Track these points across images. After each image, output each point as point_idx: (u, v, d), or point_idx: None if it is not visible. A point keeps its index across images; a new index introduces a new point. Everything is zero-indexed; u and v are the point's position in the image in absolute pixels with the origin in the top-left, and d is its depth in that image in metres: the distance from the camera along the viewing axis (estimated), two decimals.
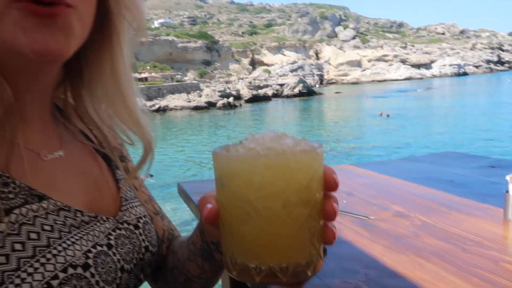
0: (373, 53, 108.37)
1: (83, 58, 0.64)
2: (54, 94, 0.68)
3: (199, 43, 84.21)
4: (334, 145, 20.38)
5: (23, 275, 0.49)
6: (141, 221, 0.71)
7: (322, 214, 0.45)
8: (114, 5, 0.60)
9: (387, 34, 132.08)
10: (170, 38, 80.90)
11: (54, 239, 0.53)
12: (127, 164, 0.79)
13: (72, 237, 0.56)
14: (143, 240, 0.69)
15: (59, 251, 0.53)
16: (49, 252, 0.52)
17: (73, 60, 0.61)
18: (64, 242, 0.54)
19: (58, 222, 0.55)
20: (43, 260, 0.51)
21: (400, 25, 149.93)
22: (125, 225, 0.67)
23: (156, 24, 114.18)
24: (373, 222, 1.07)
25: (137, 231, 0.69)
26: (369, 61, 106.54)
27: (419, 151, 16.16)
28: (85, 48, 0.60)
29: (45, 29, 0.50)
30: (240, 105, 48.69)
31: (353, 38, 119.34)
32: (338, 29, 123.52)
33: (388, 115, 29.78)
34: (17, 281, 0.48)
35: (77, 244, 0.56)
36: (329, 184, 0.45)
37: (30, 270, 0.49)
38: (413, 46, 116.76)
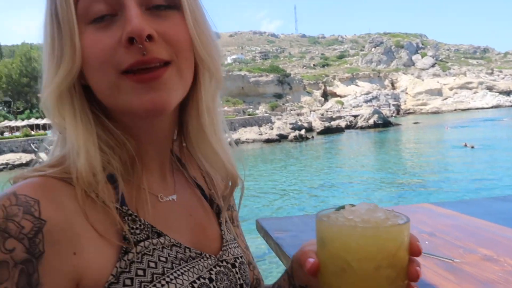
0: (455, 81, 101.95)
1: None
2: (173, 144, 0.81)
3: (271, 76, 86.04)
4: (412, 179, 18.88)
5: None
6: (238, 261, 0.79)
7: (407, 275, 0.55)
8: (200, 61, 0.68)
9: (470, 60, 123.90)
10: (242, 73, 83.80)
11: (168, 269, 0.64)
12: (232, 213, 0.90)
13: (181, 268, 0.66)
14: (239, 278, 0.77)
15: (171, 279, 0.63)
16: (164, 279, 0.62)
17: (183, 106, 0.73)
18: (175, 272, 0.65)
19: (171, 255, 0.66)
20: (158, 285, 0.61)
21: (485, 50, 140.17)
22: (224, 263, 0.75)
23: (229, 60, 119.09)
24: (458, 266, 1.05)
25: (234, 270, 0.77)
26: (451, 89, 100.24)
27: (508, 189, 14.28)
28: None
29: (151, 92, 0.61)
30: (312, 137, 48.08)
31: (432, 66, 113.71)
32: (416, 57, 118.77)
33: (472, 147, 27.25)
34: None
35: (185, 275, 0.66)
36: (414, 251, 0.55)
37: None
38: (500, 71, 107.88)
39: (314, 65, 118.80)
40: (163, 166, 0.76)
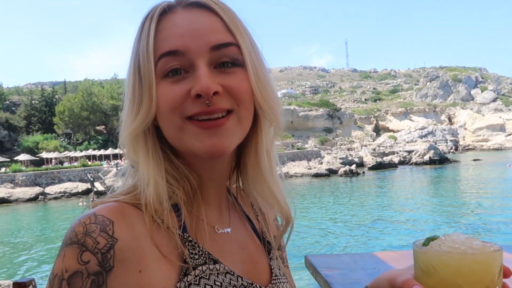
0: None
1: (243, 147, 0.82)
2: (230, 183, 0.89)
3: (320, 111, 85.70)
4: (473, 220, 17.40)
5: None
6: None
7: None
8: (260, 111, 0.76)
9: None
10: (291, 107, 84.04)
11: None
12: (282, 253, 0.95)
13: None
14: None
15: None
16: None
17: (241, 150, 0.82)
18: None
19: (225, 281, 0.71)
20: None
21: None
22: None
23: (279, 94, 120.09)
24: None
25: None
26: None
27: None
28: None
29: (213, 137, 0.70)
30: (363, 172, 46.58)
31: (494, 100, 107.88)
32: (475, 91, 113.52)
33: None
34: None
35: None
36: (506, 273, 0.63)
37: None
38: None
39: (365, 99, 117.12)
40: (220, 201, 0.83)
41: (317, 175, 44.98)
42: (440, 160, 54.86)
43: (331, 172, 45.88)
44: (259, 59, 0.76)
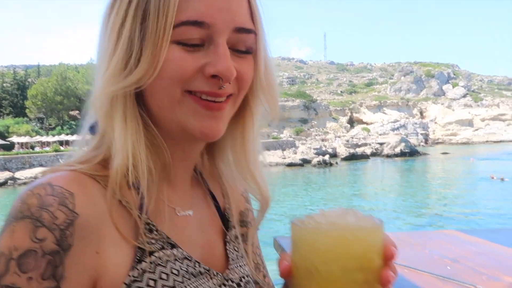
0: (487, 112, 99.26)
1: None
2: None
3: (297, 102, 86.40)
4: (437, 210, 18.16)
5: None
6: (244, 280, 0.79)
7: (379, 279, 0.53)
8: (255, 91, 0.73)
9: (504, 92, 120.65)
10: None
11: (178, 282, 0.65)
12: (247, 230, 0.88)
13: (191, 283, 0.67)
14: None
15: None
16: None
17: None
18: (185, 286, 0.65)
19: (182, 268, 0.66)
20: None
21: None
22: (230, 282, 0.76)
23: None
24: None
25: None
26: (483, 120, 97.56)
27: None
28: None
29: (212, 120, 0.66)
30: (336, 163, 47.35)
31: (464, 96, 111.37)
32: (446, 87, 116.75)
33: (502, 179, 26.12)
34: None
35: None
36: (386, 254, 0.54)
37: None
38: None
39: (341, 91, 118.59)
40: (185, 181, 0.78)
41: (291, 165, 45.46)
42: (411, 153, 56.45)
43: (305, 162, 46.49)
44: (268, 47, 0.74)
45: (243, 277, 0.80)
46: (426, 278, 1.24)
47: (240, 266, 0.81)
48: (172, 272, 0.64)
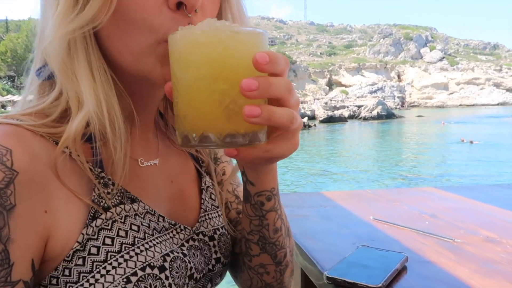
0: (462, 76, 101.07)
1: None
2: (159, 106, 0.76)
3: None
4: (412, 171, 18.75)
5: (109, 267, 0.55)
6: (218, 232, 0.74)
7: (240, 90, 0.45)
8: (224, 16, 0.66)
9: (479, 56, 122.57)
10: None
11: (139, 239, 0.60)
12: (218, 165, 0.83)
13: (154, 239, 0.62)
14: (215, 252, 0.72)
15: (141, 251, 0.59)
16: (133, 250, 0.58)
17: None
18: (146, 243, 0.60)
19: (144, 224, 0.62)
20: (126, 256, 0.57)
21: (495, 46, 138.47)
22: (201, 236, 0.71)
23: None
24: (459, 246, 1.07)
25: (211, 243, 0.72)
26: (458, 84, 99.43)
27: (505, 182, 14.14)
28: None
29: None
30: (315, 125, 47.78)
31: (440, 60, 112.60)
32: (424, 50, 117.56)
33: (471, 142, 27.06)
34: (103, 271, 0.55)
35: (157, 246, 0.61)
36: (254, 63, 0.44)
37: (115, 264, 0.56)
38: (509, 69, 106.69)
39: (320, 53, 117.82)
40: (147, 129, 0.71)
41: None
42: (387, 116, 57.40)
43: None
44: None
45: (218, 229, 0.75)
46: (407, 233, 1.24)
47: (214, 217, 0.76)
48: (131, 228, 0.60)
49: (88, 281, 0.54)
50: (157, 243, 0.62)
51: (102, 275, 0.55)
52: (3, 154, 0.52)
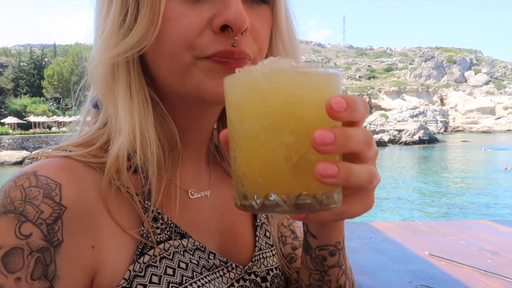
0: (510, 100, 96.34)
1: None
2: (213, 134, 0.72)
3: None
4: (454, 199, 17.84)
5: None
6: (271, 273, 0.70)
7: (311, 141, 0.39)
8: (275, 47, 0.63)
9: None
10: None
11: (187, 278, 0.57)
12: None
13: (202, 278, 0.59)
14: None
15: None
16: None
17: None
18: (194, 282, 0.57)
19: (193, 261, 0.59)
20: None
21: None
22: (253, 276, 0.66)
23: None
24: None
25: (263, 284, 0.68)
26: (505, 108, 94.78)
27: None
28: None
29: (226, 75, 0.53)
30: None
31: (486, 83, 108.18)
32: (468, 73, 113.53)
33: None
34: None
35: (205, 286, 0.58)
36: (327, 110, 0.38)
37: None
38: None
39: (359, 76, 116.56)
40: (200, 159, 0.69)
41: None
42: (429, 140, 55.40)
43: None
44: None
45: (271, 270, 0.70)
46: (467, 272, 1.15)
47: (268, 256, 0.71)
48: (179, 266, 0.57)
49: None
50: (206, 282, 0.59)
51: None
52: (53, 189, 0.50)
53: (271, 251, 0.72)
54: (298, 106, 0.38)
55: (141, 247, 0.55)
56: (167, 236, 0.58)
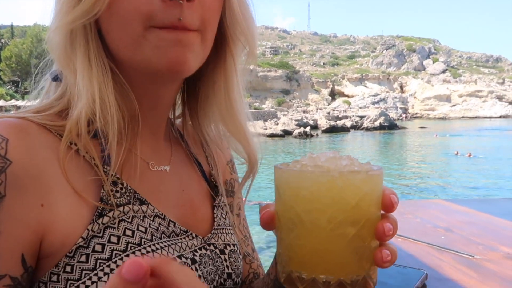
0: (465, 88, 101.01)
1: (199, 80, 0.71)
2: (175, 117, 0.77)
3: (279, 72, 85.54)
4: (415, 181, 18.66)
5: (113, 265, 0.53)
6: (228, 248, 0.72)
7: (375, 233, 0.45)
8: (231, 29, 0.65)
9: (482, 69, 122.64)
10: (251, 66, 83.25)
11: (146, 240, 0.58)
12: (233, 200, 0.82)
13: (161, 242, 0.60)
14: (227, 267, 0.70)
15: (147, 252, 0.57)
16: (139, 250, 0.56)
17: (191, 82, 0.72)
18: (153, 245, 0.58)
19: (152, 226, 0.60)
20: (132, 256, 0.55)
21: (498, 59, 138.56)
22: (212, 247, 0.69)
23: None
24: (479, 262, 1.03)
25: (222, 256, 0.70)
26: (460, 96, 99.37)
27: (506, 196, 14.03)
28: (201, 70, 0.66)
29: (177, 46, 0.57)
30: (317, 135, 47.73)
31: (443, 72, 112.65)
32: (427, 62, 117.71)
33: (470, 155, 26.90)
34: (106, 270, 0.53)
35: (164, 249, 0.59)
36: (385, 205, 0.46)
37: (120, 262, 0.54)
38: None
39: (324, 63, 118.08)
40: (159, 134, 0.71)
41: (272, 135, 45.55)
42: (390, 126, 57.29)
43: (286, 133, 46.54)
44: None
45: (228, 245, 0.73)
46: (422, 248, 1.22)
47: (226, 233, 0.74)
48: (138, 229, 0.58)
49: (90, 278, 0.52)
50: (165, 246, 0.60)
51: (105, 273, 0.53)
52: None
53: (229, 229, 0.75)
54: (368, 202, 0.44)
55: (100, 209, 0.56)
56: (126, 200, 0.59)
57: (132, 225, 0.58)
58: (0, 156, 0.50)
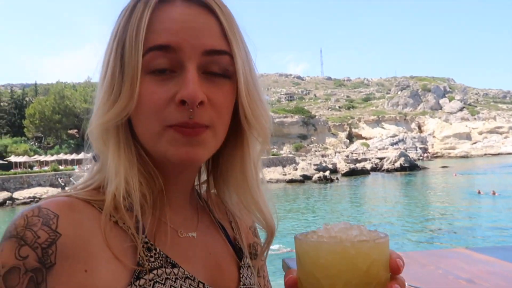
0: (485, 125, 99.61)
1: (221, 156, 0.80)
2: (200, 185, 0.87)
3: (296, 117, 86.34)
4: (440, 226, 18.08)
5: None
6: None
7: None
8: (244, 124, 0.74)
9: (500, 105, 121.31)
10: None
11: None
12: (258, 262, 0.88)
13: None
14: None
15: None
16: None
17: (215, 158, 0.81)
18: None
19: (183, 287, 0.67)
20: None
21: None
22: None
23: None
24: None
25: None
26: (480, 133, 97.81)
27: None
28: (223, 148, 0.76)
29: (188, 146, 0.67)
30: (337, 179, 47.17)
31: (460, 110, 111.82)
32: (443, 101, 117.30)
33: (494, 193, 26.02)
34: None
35: None
36: (392, 268, 0.54)
37: None
38: None
39: (339, 107, 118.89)
40: (185, 205, 0.80)
41: (292, 181, 45.26)
42: (411, 167, 56.32)
43: (306, 178, 46.25)
44: (252, 70, 0.74)
45: None
46: None
47: None
48: None
49: None
50: None
51: None
52: (51, 218, 0.59)
53: None
54: (377, 267, 0.52)
55: (137, 272, 0.63)
56: (159, 264, 0.66)
57: (165, 287, 0.64)
58: (52, 230, 0.58)
